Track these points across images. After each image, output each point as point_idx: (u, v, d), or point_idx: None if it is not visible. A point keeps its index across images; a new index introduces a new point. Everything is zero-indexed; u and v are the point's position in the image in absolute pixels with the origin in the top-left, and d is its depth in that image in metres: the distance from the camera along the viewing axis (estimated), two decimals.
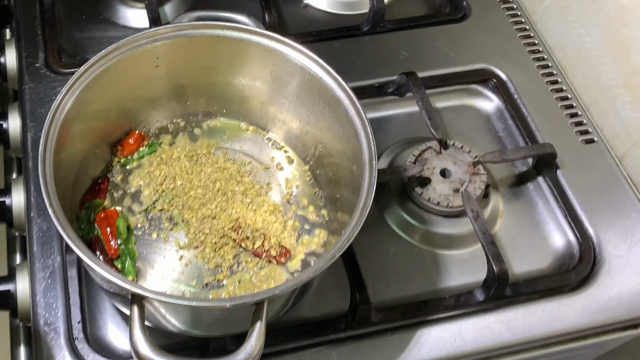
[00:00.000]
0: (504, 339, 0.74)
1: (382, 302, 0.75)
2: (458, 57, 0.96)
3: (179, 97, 0.81)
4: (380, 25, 0.98)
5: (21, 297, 0.75)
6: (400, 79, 0.90)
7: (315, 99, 0.75)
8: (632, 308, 0.77)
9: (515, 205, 0.85)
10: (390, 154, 0.86)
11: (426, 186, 0.81)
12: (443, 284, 0.78)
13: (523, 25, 1.01)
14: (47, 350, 0.68)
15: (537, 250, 0.81)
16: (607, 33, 0.90)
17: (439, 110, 0.92)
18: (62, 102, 0.67)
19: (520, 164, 0.88)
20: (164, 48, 0.74)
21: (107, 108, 0.74)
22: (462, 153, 0.84)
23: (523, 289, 0.76)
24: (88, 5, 1.00)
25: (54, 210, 0.60)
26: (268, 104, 0.81)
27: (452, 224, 0.81)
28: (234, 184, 0.79)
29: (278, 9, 1.01)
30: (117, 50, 0.71)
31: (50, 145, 0.64)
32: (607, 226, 0.82)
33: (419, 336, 0.73)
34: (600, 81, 0.92)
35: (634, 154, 0.88)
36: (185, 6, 1.01)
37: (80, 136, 0.71)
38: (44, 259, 0.74)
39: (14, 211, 0.81)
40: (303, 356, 0.71)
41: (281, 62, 0.75)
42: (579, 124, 0.91)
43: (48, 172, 0.62)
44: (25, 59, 0.90)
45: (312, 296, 0.74)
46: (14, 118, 0.89)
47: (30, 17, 0.95)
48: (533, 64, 0.96)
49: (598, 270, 0.79)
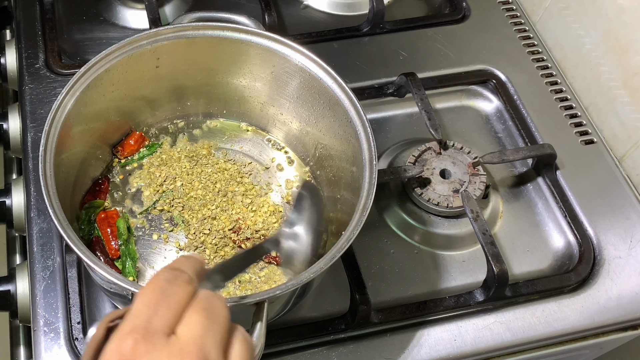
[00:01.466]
0: (503, 340, 0.74)
1: (382, 302, 0.75)
2: (458, 58, 0.96)
3: (179, 97, 0.81)
4: (380, 26, 0.98)
5: (21, 297, 0.75)
6: (400, 80, 0.90)
7: (316, 100, 0.75)
8: (632, 309, 0.77)
9: (515, 206, 0.85)
10: (390, 155, 0.86)
11: (426, 187, 0.81)
12: (443, 284, 0.78)
13: (522, 26, 1.01)
14: (47, 350, 0.69)
15: (536, 250, 0.81)
16: (606, 34, 0.90)
17: (439, 111, 0.92)
18: (62, 102, 0.67)
19: (520, 165, 0.88)
20: (165, 49, 0.74)
21: (108, 109, 0.75)
22: (462, 154, 0.84)
23: (523, 290, 0.76)
24: (88, 6, 1.00)
25: (55, 210, 0.60)
26: (268, 105, 0.81)
27: (451, 225, 0.81)
28: (234, 185, 0.79)
29: (278, 10, 1.01)
30: (117, 51, 0.71)
31: (51, 145, 0.64)
32: (607, 227, 0.82)
33: (418, 336, 0.73)
34: (599, 82, 0.92)
35: (634, 154, 0.88)
36: (185, 7, 1.01)
37: (81, 137, 0.71)
38: (44, 259, 0.74)
39: (14, 211, 0.81)
40: (303, 356, 0.71)
41: (281, 62, 0.75)
42: (579, 124, 0.91)
43: (48, 172, 0.62)
44: (25, 60, 0.90)
45: (312, 296, 0.75)
46: (14, 119, 0.89)
47: (30, 18, 0.95)
48: (532, 65, 0.97)
49: (598, 270, 0.79)
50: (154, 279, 0.43)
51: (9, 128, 0.89)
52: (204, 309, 0.42)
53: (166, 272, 0.43)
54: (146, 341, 0.39)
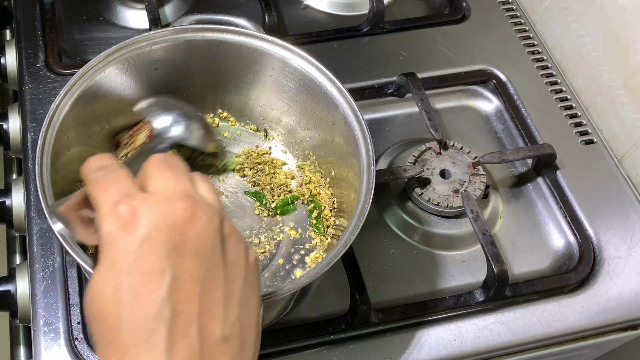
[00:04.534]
0: (503, 340, 0.74)
1: (382, 302, 0.75)
2: (458, 58, 0.96)
3: (178, 100, 0.81)
4: (380, 26, 0.98)
5: (21, 297, 0.75)
6: (400, 80, 0.90)
7: (315, 103, 0.75)
8: (632, 309, 0.77)
9: (515, 206, 0.85)
10: (390, 155, 0.86)
11: (426, 187, 0.81)
12: (443, 284, 0.78)
13: (523, 26, 1.01)
14: (47, 350, 0.69)
15: (536, 250, 0.81)
16: (606, 34, 0.90)
17: (439, 111, 0.92)
18: (60, 104, 0.67)
19: (520, 165, 0.88)
20: (164, 51, 0.74)
21: (106, 110, 0.74)
22: (462, 154, 0.84)
23: (523, 290, 0.76)
24: (88, 6, 1.00)
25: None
26: (267, 108, 0.81)
27: (451, 225, 0.81)
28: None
29: (278, 10, 1.01)
30: (116, 53, 0.71)
31: (48, 147, 0.64)
32: (607, 227, 0.82)
33: (418, 337, 0.73)
34: (599, 82, 0.92)
35: (634, 154, 0.88)
36: (185, 7, 1.01)
37: (79, 138, 0.71)
38: (44, 259, 0.74)
39: (14, 211, 0.81)
40: (303, 357, 0.71)
41: (280, 66, 0.75)
42: (579, 124, 0.91)
43: (45, 174, 0.62)
44: (25, 60, 0.90)
45: (312, 297, 0.75)
46: (14, 119, 0.89)
47: (30, 18, 0.95)
48: (532, 65, 0.96)
49: (598, 270, 0.79)
50: (91, 178, 0.45)
51: (9, 128, 0.89)
52: (165, 162, 0.44)
53: (95, 169, 0.45)
54: (134, 199, 0.41)
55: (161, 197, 0.41)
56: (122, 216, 0.40)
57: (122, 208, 0.40)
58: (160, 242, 0.40)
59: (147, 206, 0.40)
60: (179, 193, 0.42)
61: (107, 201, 0.41)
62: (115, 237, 0.40)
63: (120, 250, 0.40)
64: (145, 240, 0.39)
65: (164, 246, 0.40)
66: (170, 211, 0.41)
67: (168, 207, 0.41)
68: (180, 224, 0.40)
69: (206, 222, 0.41)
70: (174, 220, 0.40)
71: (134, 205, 0.40)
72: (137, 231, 0.40)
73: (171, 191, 0.42)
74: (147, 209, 0.40)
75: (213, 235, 0.42)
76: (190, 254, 0.40)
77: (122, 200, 0.41)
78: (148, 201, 0.41)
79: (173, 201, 0.41)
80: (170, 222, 0.40)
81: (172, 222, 0.40)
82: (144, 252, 0.39)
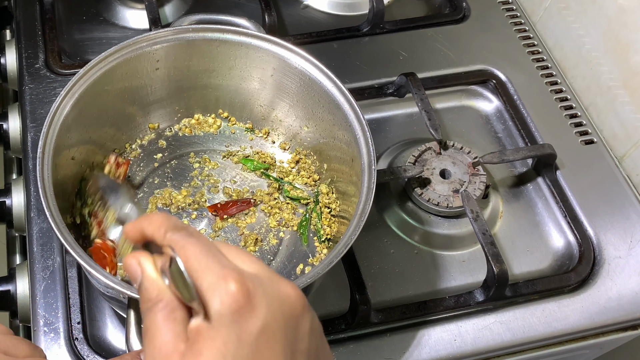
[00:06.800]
0: (503, 340, 0.74)
1: (382, 302, 0.75)
2: (457, 58, 0.96)
3: (179, 99, 0.81)
4: (380, 26, 0.98)
5: (21, 297, 0.75)
6: (400, 80, 0.90)
7: (316, 103, 0.75)
8: (632, 309, 0.77)
9: (515, 206, 0.85)
10: (390, 155, 0.86)
11: (426, 187, 0.81)
12: (443, 284, 0.78)
13: (523, 26, 1.01)
14: (47, 350, 0.68)
15: (536, 250, 0.81)
16: (606, 34, 0.90)
17: (439, 111, 0.92)
18: (61, 104, 0.67)
19: (520, 165, 0.88)
20: (164, 51, 0.74)
21: (107, 110, 0.74)
22: (462, 154, 0.84)
23: (523, 290, 0.76)
24: (88, 6, 1.00)
25: (51, 212, 0.60)
26: (268, 108, 0.81)
27: (451, 225, 0.81)
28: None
29: (278, 10, 1.01)
30: (117, 53, 0.71)
31: (49, 147, 0.64)
32: (607, 227, 0.82)
33: (419, 337, 0.73)
34: (599, 82, 0.92)
35: (634, 154, 0.88)
36: (185, 7, 1.01)
37: (80, 138, 0.71)
38: (44, 259, 0.74)
39: (14, 211, 0.81)
40: None
41: (281, 65, 0.75)
42: (579, 124, 0.91)
43: (46, 174, 0.62)
44: (25, 60, 0.90)
45: (312, 297, 0.74)
46: (14, 119, 0.89)
47: (30, 18, 0.95)
48: (532, 65, 0.97)
49: (598, 270, 0.79)
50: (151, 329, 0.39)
51: (9, 128, 0.89)
52: (216, 242, 0.40)
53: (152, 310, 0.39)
54: (244, 277, 0.36)
55: (268, 279, 0.37)
56: (235, 297, 0.35)
57: (232, 287, 0.36)
58: (278, 337, 0.36)
59: (263, 290, 0.36)
60: (277, 276, 0.37)
61: (211, 273, 0.36)
62: (229, 323, 0.35)
63: (235, 342, 0.35)
64: (263, 333, 0.35)
65: (281, 343, 0.36)
66: (284, 298, 0.37)
67: (280, 292, 0.36)
68: (295, 316, 0.37)
69: (313, 316, 0.38)
70: (290, 312, 0.36)
71: (248, 286, 0.36)
72: (254, 320, 0.35)
73: (266, 271, 0.37)
74: (263, 294, 0.36)
75: (319, 333, 0.38)
76: (300, 353, 0.37)
77: (230, 276, 0.36)
78: (261, 283, 0.36)
79: (282, 284, 0.37)
80: (287, 312, 0.36)
81: (289, 312, 0.36)
82: (260, 347, 0.35)
